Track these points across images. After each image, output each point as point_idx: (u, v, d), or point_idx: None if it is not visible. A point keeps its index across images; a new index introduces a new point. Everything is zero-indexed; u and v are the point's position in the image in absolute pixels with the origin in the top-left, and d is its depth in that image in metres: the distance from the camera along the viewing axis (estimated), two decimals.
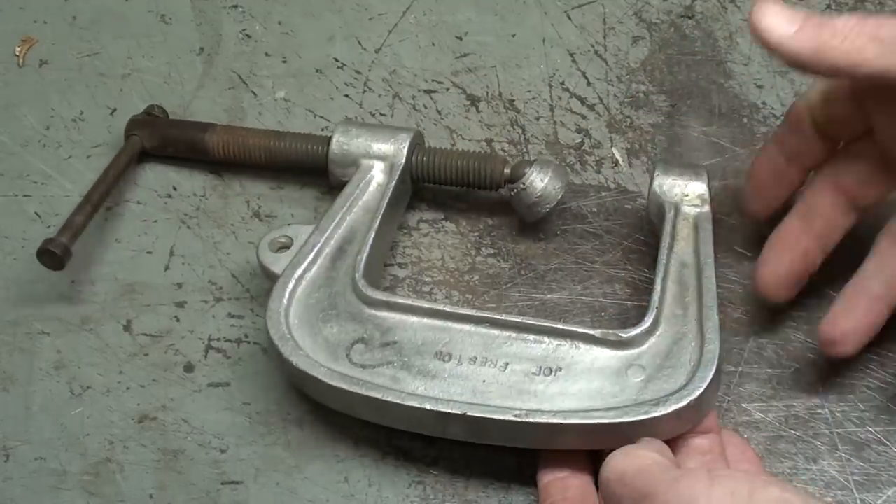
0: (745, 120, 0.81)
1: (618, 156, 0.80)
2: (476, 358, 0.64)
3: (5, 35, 0.87)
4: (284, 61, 0.85)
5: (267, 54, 0.86)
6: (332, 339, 0.65)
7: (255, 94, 0.84)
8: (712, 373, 0.62)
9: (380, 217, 0.70)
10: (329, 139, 0.75)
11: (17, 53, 0.86)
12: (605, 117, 0.81)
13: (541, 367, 0.63)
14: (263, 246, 0.70)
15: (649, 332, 0.64)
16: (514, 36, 0.86)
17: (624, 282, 0.74)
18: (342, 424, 0.69)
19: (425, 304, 0.66)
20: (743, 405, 0.69)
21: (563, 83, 0.83)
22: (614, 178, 0.78)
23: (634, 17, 0.85)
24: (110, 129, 0.82)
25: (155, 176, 0.80)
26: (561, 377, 0.63)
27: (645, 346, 0.64)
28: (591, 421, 0.60)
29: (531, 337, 0.65)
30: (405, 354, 0.64)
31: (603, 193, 0.78)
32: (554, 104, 0.82)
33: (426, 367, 0.64)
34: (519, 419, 0.60)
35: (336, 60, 0.85)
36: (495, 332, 0.65)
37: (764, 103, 0.81)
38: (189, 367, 0.72)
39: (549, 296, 0.74)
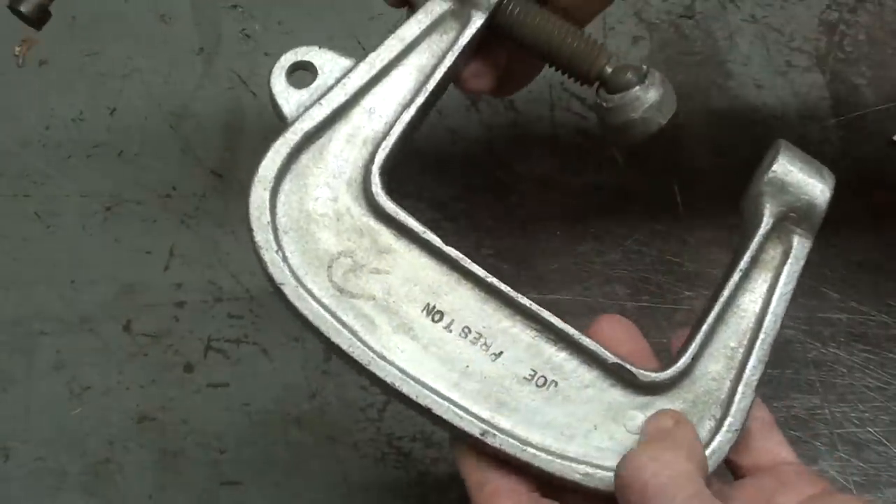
0: (745, 120, 0.81)
1: (618, 156, 0.80)
2: (470, 331, 0.52)
3: (5, 35, 0.87)
4: None
5: (267, 54, 0.85)
6: (319, 240, 0.53)
7: (254, 94, 0.84)
8: (721, 458, 0.52)
9: (432, 86, 0.55)
10: None
11: (17, 53, 0.86)
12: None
13: (535, 374, 0.53)
14: (279, 71, 0.55)
15: (673, 382, 0.53)
16: None
17: (623, 282, 0.74)
18: (342, 425, 0.69)
19: (439, 245, 0.53)
20: None
21: (562, 83, 0.83)
22: (614, 179, 0.78)
23: (634, 17, 0.85)
24: (110, 129, 0.82)
25: (155, 176, 0.80)
26: (552, 394, 0.52)
27: (660, 397, 0.53)
28: (557, 472, 0.51)
29: (539, 333, 0.53)
30: (393, 294, 0.52)
31: (603, 193, 0.78)
32: (554, 104, 0.82)
33: (410, 320, 0.52)
34: (485, 439, 0.50)
35: None
36: (503, 308, 0.53)
37: (764, 103, 0.81)
38: (189, 368, 0.72)
39: (549, 296, 0.73)
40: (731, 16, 0.85)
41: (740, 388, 0.52)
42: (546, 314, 0.53)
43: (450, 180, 0.78)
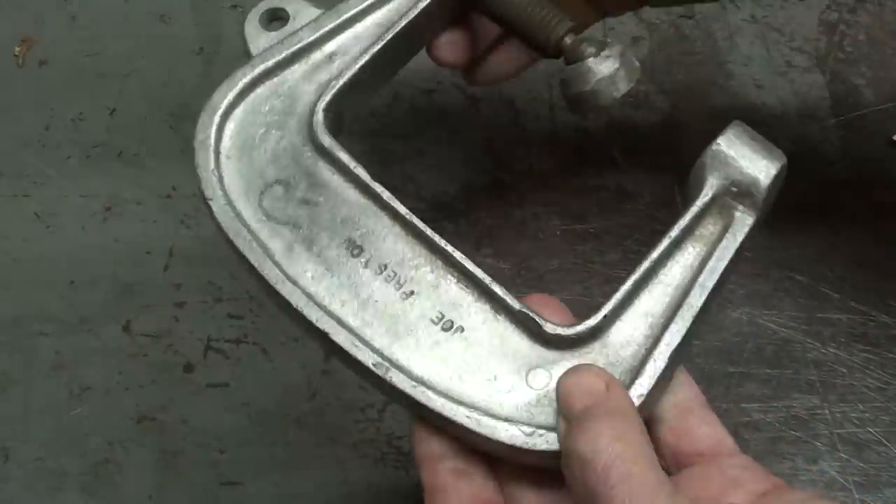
0: (745, 120, 0.81)
1: (618, 156, 0.80)
2: (385, 268, 0.53)
3: (5, 35, 0.87)
4: None
5: None
6: (258, 166, 0.55)
7: None
8: None
9: (389, 37, 0.58)
10: None
11: (17, 53, 0.86)
12: (604, 117, 0.81)
13: (442, 317, 0.52)
14: (254, 14, 0.59)
15: (582, 340, 0.51)
16: None
17: (623, 282, 0.73)
18: (342, 425, 0.69)
19: (367, 180, 0.54)
20: (743, 405, 0.69)
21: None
22: (614, 179, 0.78)
23: (634, 17, 0.85)
24: (110, 130, 0.82)
25: (155, 176, 0.80)
26: (457, 339, 0.51)
27: (567, 354, 0.51)
28: (444, 413, 0.49)
29: (453, 277, 0.53)
30: (317, 224, 0.54)
31: (603, 193, 0.78)
32: (554, 104, 0.82)
33: (329, 252, 0.53)
34: (376, 370, 0.50)
35: None
36: (421, 250, 0.53)
37: (764, 103, 0.81)
38: (188, 368, 0.72)
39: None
40: (731, 16, 0.85)
41: (653, 356, 0.50)
42: (459, 256, 0.53)
43: (450, 180, 0.78)
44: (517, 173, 0.79)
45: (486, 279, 0.52)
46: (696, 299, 0.52)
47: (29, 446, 0.70)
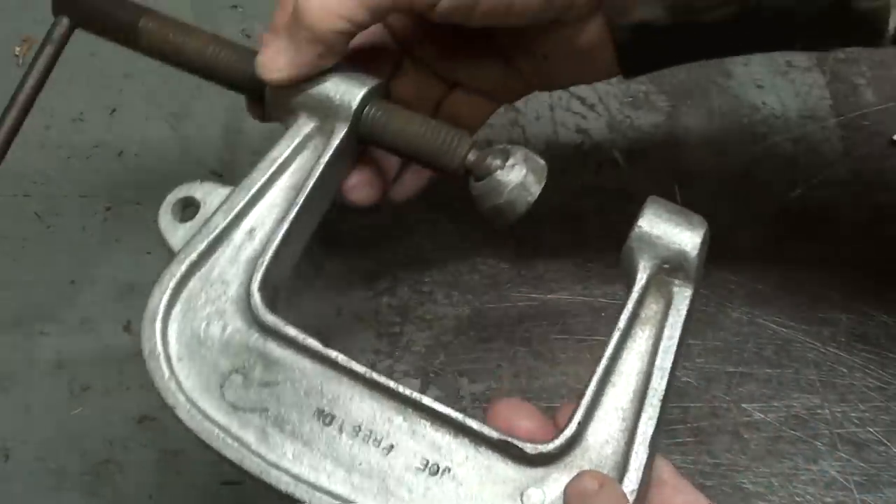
0: (745, 120, 0.81)
1: (618, 156, 0.80)
2: (360, 429, 0.53)
3: (5, 35, 0.87)
4: None
5: None
6: (211, 360, 0.55)
7: None
8: None
9: (301, 200, 0.58)
10: None
11: (17, 53, 0.86)
12: (605, 117, 0.81)
13: (427, 462, 0.52)
14: (166, 209, 0.59)
15: (564, 451, 0.52)
16: None
17: (624, 282, 0.73)
18: None
19: (320, 349, 0.54)
20: (743, 405, 0.69)
21: None
22: (614, 179, 0.78)
23: None
24: (110, 129, 0.82)
25: (155, 176, 0.80)
26: (446, 480, 0.52)
27: (553, 467, 0.52)
28: None
29: (427, 421, 0.53)
30: (283, 403, 0.54)
31: (603, 194, 0.78)
32: (554, 104, 0.82)
33: (302, 427, 0.53)
34: None
35: None
36: (389, 402, 0.53)
37: (764, 103, 0.81)
38: None
39: (549, 296, 0.73)
40: None
41: (634, 449, 0.51)
42: (427, 401, 0.53)
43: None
44: None
45: (459, 416, 0.52)
46: (659, 382, 0.53)
47: (29, 446, 0.70)
